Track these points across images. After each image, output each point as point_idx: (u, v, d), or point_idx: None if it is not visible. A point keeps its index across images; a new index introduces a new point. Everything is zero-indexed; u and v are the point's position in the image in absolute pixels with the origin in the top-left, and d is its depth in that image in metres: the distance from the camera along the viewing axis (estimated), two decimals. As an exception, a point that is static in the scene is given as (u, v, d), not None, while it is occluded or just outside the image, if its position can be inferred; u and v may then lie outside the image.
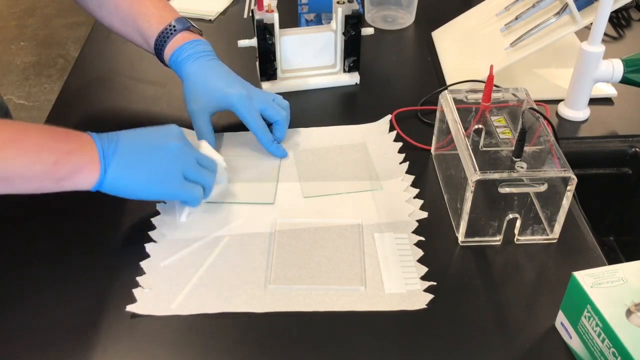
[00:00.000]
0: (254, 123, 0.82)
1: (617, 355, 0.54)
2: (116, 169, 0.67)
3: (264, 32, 0.91)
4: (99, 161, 0.66)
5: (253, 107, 0.82)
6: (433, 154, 0.85)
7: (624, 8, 1.16)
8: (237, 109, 0.82)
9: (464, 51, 1.02)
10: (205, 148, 0.78)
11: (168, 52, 0.84)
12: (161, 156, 0.70)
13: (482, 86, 0.77)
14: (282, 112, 0.85)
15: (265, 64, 0.95)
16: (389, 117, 0.91)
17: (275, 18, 0.90)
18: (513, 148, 0.70)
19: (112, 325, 0.64)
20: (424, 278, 0.68)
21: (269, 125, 0.85)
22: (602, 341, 0.56)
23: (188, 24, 0.85)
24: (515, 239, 0.73)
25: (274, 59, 0.94)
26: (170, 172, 0.70)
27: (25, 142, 0.63)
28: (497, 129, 0.75)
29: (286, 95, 0.90)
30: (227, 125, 0.90)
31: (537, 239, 0.73)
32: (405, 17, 1.16)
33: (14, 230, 0.75)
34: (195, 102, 0.82)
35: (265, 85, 0.97)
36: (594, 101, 0.92)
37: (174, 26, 0.83)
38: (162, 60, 0.86)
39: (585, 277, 0.58)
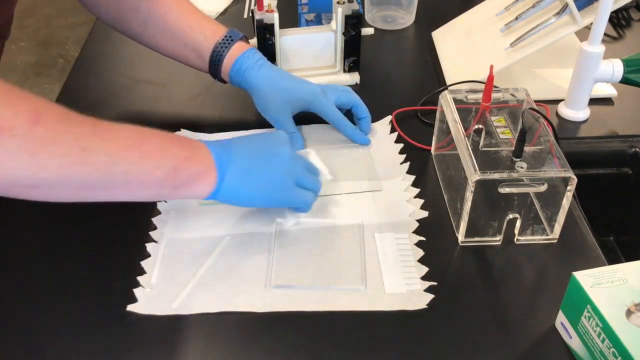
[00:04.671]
0: (334, 115, 0.84)
1: (617, 355, 0.54)
2: (232, 177, 0.66)
3: (264, 32, 0.91)
4: (215, 169, 0.65)
5: (329, 99, 0.83)
6: (433, 154, 0.85)
7: (624, 8, 1.16)
8: (315, 104, 0.83)
9: (464, 51, 1.02)
10: (314, 157, 0.79)
11: (228, 63, 0.83)
12: (275, 164, 0.70)
13: (482, 86, 0.77)
14: (354, 95, 0.86)
15: (265, 64, 0.95)
16: (389, 117, 0.91)
17: (275, 18, 0.90)
18: (513, 148, 0.70)
19: (112, 325, 0.64)
20: (424, 278, 0.68)
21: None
22: (602, 341, 0.56)
23: (241, 33, 0.85)
24: (515, 239, 0.73)
25: (274, 59, 0.94)
26: (284, 180, 0.70)
27: (147, 146, 0.61)
28: (497, 129, 0.75)
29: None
30: (225, 124, 0.90)
31: (537, 239, 0.73)
32: (405, 17, 1.16)
33: (13, 230, 0.75)
34: (275, 107, 0.83)
35: (266, 85, 0.97)
36: (594, 101, 0.92)
37: (230, 37, 0.83)
38: (215, 72, 0.85)
39: (585, 277, 0.59)
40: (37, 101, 0.54)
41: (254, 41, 0.92)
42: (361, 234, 0.74)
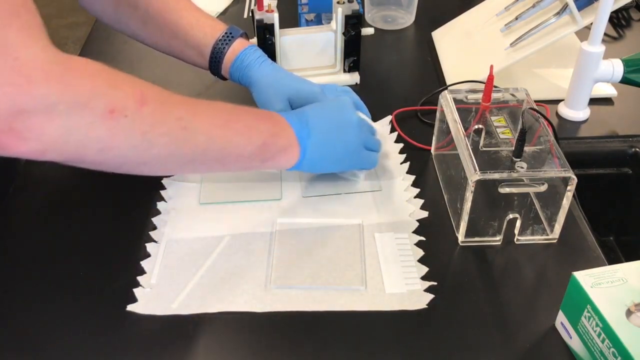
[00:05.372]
0: None
1: (617, 355, 0.54)
2: (314, 149, 0.72)
3: (264, 32, 0.91)
4: (298, 144, 0.71)
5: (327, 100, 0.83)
6: (433, 154, 0.85)
7: (624, 8, 1.16)
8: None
9: (464, 51, 1.02)
10: (363, 116, 0.82)
11: (229, 59, 0.83)
12: (349, 133, 0.75)
13: (482, 86, 0.77)
14: (353, 95, 0.86)
15: (265, 64, 0.95)
16: (389, 117, 0.91)
17: (275, 18, 0.90)
18: (513, 148, 0.70)
19: (112, 325, 0.64)
20: (424, 278, 0.68)
21: None
22: (602, 341, 0.56)
23: (241, 30, 0.84)
24: (515, 239, 0.73)
25: (274, 59, 0.94)
26: (356, 146, 0.76)
27: (239, 123, 0.66)
28: (497, 129, 0.75)
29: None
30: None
31: (537, 239, 0.73)
32: (405, 17, 1.16)
33: (13, 230, 0.75)
34: (275, 102, 0.82)
35: (266, 85, 0.97)
36: (594, 101, 0.92)
37: (230, 33, 0.83)
38: (215, 69, 0.85)
39: (585, 277, 0.59)
40: (141, 83, 0.58)
41: (254, 41, 0.92)
42: (361, 234, 0.74)
